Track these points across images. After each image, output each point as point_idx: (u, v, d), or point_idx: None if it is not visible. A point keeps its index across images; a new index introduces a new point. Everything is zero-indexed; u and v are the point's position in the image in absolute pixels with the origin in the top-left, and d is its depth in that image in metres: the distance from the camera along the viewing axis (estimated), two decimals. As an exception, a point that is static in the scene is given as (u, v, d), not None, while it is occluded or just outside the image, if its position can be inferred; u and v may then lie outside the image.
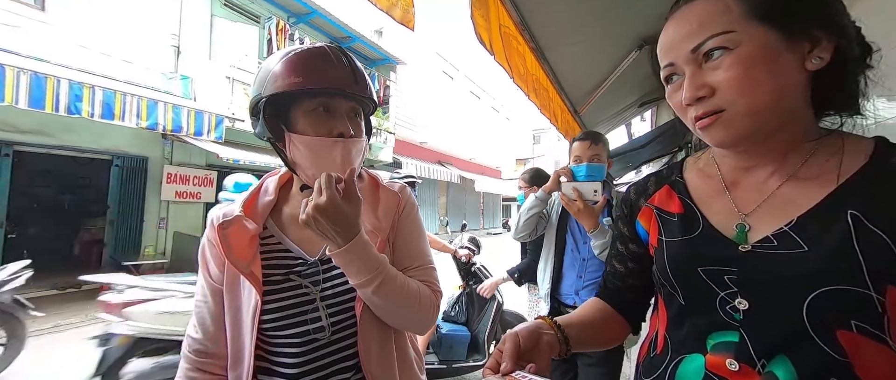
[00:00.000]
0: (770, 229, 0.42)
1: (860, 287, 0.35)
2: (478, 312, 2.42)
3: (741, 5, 0.40)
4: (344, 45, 5.27)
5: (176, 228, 5.82)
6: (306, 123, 0.57)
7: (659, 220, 0.52)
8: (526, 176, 2.09)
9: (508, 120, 17.85)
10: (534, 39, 1.74)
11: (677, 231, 0.49)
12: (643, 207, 0.56)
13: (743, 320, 0.42)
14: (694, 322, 0.46)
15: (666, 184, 0.55)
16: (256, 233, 0.60)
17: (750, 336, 0.41)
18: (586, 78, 2.45)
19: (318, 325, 0.58)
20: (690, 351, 0.46)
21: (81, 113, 3.69)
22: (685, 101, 0.43)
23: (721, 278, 0.43)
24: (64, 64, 4.18)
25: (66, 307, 4.11)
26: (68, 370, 2.64)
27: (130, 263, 4.82)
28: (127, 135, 5.16)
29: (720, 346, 0.43)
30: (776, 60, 0.39)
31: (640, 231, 0.56)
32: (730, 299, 0.42)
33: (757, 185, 0.46)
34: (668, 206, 0.53)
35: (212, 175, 6.23)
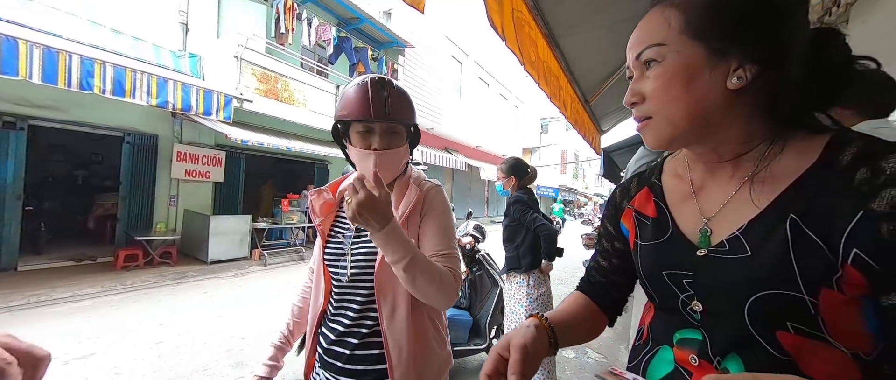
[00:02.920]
0: (725, 234, 0.43)
1: (793, 291, 0.36)
2: (480, 298, 2.48)
3: (679, 21, 0.42)
4: (351, 26, 5.21)
5: (186, 206, 5.94)
6: (355, 139, 0.80)
7: (636, 223, 0.55)
8: (504, 167, 2.00)
9: (517, 108, 17.59)
10: (547, 25, 1.70)
11: (650, 235, 0.52)
12: (625, 208, 0.58)
13: (701, 321, 0.44)
14: (665, 319, 0.50)
15: (646, 186, 0.57)
16: (332, 203, 0.88)
17: (709, 335, 0.44)
18: (599, 66, 2.40)
19: (343, 271, 0.80)
20: (663, 344, 0.49)
21: (93, 89, 3.72)
22: (625, 102, 0.47)
23: (680, 282, 0.46)
24: (76, 39, 4.19)
25: (82, 278, 4.28)
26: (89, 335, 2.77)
27: (143, 239, 4.98)
28: (138, 112, 5.22)
29: (685, 342, 0.46)
30: (695, 76, 0.41)
31: (624, 231, 0.58)
32: (688, 300, 0.45)
33: (720, 188, 0.47)
34: (645, 209, 0.54)
35: (220, 155, 6.30)
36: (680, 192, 0.52)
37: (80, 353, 2.50)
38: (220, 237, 5.43)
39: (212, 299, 3.93)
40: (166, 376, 2.27)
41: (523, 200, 1.83)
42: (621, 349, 2.97)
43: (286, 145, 6.09)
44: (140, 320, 3.21)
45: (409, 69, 9.85)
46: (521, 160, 2.01)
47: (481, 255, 2.50)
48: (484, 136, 13.84)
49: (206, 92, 4.81)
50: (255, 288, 4.43)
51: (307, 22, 6.53)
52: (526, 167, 1.99)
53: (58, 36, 4.04)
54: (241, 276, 5.03)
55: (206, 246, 5.31)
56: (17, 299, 3.46)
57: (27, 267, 4.51)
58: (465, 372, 2.47)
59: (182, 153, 5.78)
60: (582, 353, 2.90)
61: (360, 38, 7.99)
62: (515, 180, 1.93)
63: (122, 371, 2.30)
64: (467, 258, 2.52)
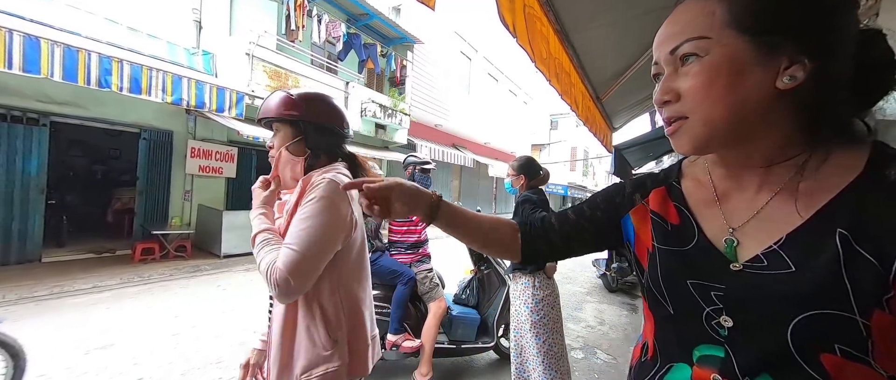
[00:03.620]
0: (759, 247, 0.41)
1: (846, 312, 0.34)
2: (488, 296, 2.47)
3: (724, 12, 0.38)
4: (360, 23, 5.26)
5: (200, 201, 6.08)
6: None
7: (653, 226, 0.51)
8: (515, 164, 1.94)
9: (526, 104, 17.41)
10: (559, 21, 1.67)
11: (673, 241, 0.48)
12: (638, 204, 0.54)
13: (727, 337, 0.41)
14: (681, 332, 0.47)
15: (662, 186, 0.53)
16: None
17: (734, 353, 0.41)
18: (611, 62, 2.35)
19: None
20: (678, 360, 0.46)
21: (111, 87, 3.82)
22: (654, 102, 0.44)
23: (707, 294, 0.43)
24: (94, 37, 4.30)
25: (102, 270, 4.43)
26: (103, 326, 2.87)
27: (159, 233, 5.12)
28: (153, 109, 5.34)
29: (706, 359, 0.43)
30: (742, 74, 0.37)
31: (626, 225, 0.55)
32: (715, 314, 0.42)
33: (746, 197, 0.44)
34: (664, 211, 0.51)
35: (232, 151, 6.41)
36: (702, 197, 0.49)
37: (101, 343, 2.60)
38: (233, 232, 5.55)
39: (225, 292, 4.02)
40: (182, 367, 2.34)
41: (532, 199, 1.78)
42: (631, 351, 2.94)
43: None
44: (157, 311, 3.31)
45: (417, 65, 9.83)
46: (534, 160, 1.96)
47: (486, 255, 2.49)
48: (492, 132, 13.75)
49: (219, 89, 4.89)
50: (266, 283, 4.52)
51: (317, 18, 6.56)
52: (538, 168, 1.93)
53: (77, 34, 4.15)
54: (252, 270, 5.14)
55: (219, 240, 5.43)
56: (42, 290, 3.60)
57: (50, 259, 4.69)
58: (473, 370, 2.48)
59: (196, 149, 5.90)
60: (591, 354, 2.88)
61: (369, 35, 8.00)
62: (525, 179, 1.89)
63: (140, 362, 2.37)
64: (475, 256, 2.52)
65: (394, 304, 2.11)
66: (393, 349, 2.10)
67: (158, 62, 4.65)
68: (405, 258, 2.25)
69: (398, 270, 2.16)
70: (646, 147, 5.86)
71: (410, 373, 2.20)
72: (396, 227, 2.30)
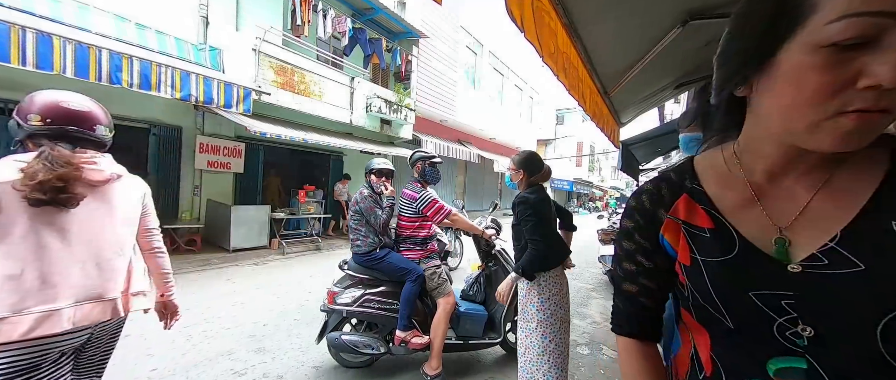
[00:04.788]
0: (814, 245, 0.39)
1: None
2: (495, 293, 2.46)
3: None
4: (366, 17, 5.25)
5: (209, 196, 6.17)
6: None
7: (688, 236, 0.48)
8: (516, 159, 1.88)
9: (532, 99, 17.25)
10: (568, 14, 1.64)
11: (713, 250, 0.45)
12: (665, 219, 0.50)
13: (809, 347, 0.38)
14: (748, 347, 0.43)
15: (684, 193, 0.50)
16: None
17: (820, 363, 0.38)
18: (620, 57, 2.31)
19: None
20: (750, 376, 0.43)
21: (122, 83, 3.88)
22: (890, 81, 0.31)
23: (777, 304, 0.40)
24: (104, 34, 4.35)
25: (115, 263, 4.54)
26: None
27: (169, 227, 5.21)
28: (162, 105, 5.41)
29: (786, 372, 0.40)
30: None
31: (667, 246, 0.51)
32: (790, 325, 0.39)
33: (786, 195, 0.42)
34: (695, 219, 0.48)
35: (240, 146, 6.48)
36: (734, 199, 0.46)
37: (115, 334, 2.67)
38: (241, 227, 5.63)
39: (234, 285, 4.10)
40: (194, 359, 2.40)
41: (528, 200, 1.71)
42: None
43: (303, 137, 6.20)
44: (168, 304, 3.38)
45: (423, 60, 9.78)
46: (536, 155, 1.91)
47: (497, 250, 2.49)
48: (498, 128, 13.67)
49: (227, 85, 4.93)
50: (275, 276, 4.59)
51: (323, 13, 6.55)
52: (540, 163, 1.88)
53: (87, 31, 4.21)
54: (260, 264, 5.22)
55: (228, 235, 5.52)
56: (58, 282, 3.71)
57: (66, 252, 4.82)
58: (480, 365, 2.50)
59: (204, 145, 5.97)
60: (596, 349, 2.88)
61: (374, 29, 7.97)
62: (524, 175, 1.84)
63: (154, 353, 2.44)
64: (484, 253, 2.51)
65: (403, 300, 2.12)
66: (401, 345, 2.12)
67: (167, 58, 4.70)
68: (414, 254, 2.25)
69: (407, 267, 2.16)
70: (654, 142, 5.78)
71: (419, 367, 2.23)
72: (407, 222, 2.28)
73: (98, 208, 1.09)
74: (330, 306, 2.13)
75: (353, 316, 2.17)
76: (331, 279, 2.43)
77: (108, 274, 1.09)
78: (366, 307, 2.12)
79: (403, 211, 2.28)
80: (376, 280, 2.20)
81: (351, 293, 2.14)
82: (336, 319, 2.18)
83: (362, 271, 2.22)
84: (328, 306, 2.15)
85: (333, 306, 2.12)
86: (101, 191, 1.11)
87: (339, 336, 2.10)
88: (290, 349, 2.57)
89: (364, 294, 2.13)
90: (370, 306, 2.13)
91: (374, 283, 2.20)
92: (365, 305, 2.12)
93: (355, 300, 2.11)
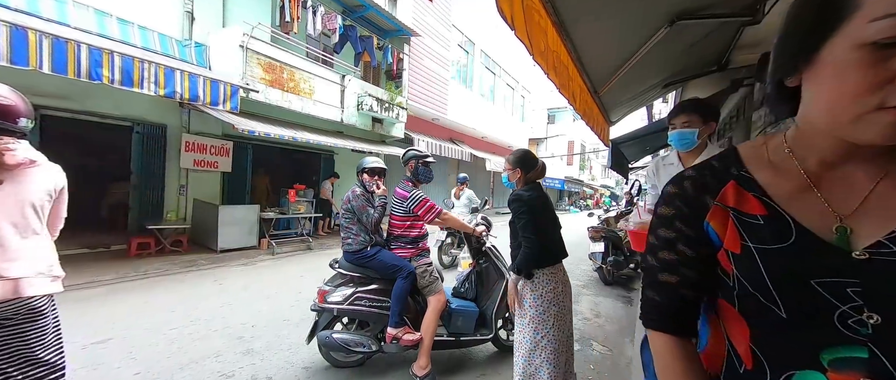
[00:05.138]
0: (880, 233, 0.39)
1: None
2: (487, 289, 2.49)
3: None
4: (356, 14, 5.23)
5: (195, 195, 6.03)
6: None
7: (739, 223, 0.46)
8: (511, 158, 1.90)
9: (524, 98, 17.35)
10: (557, 13, 1.65)
11: (768, 238, 0.44)
12: (713, 206, 0.49)
13: (872, 335, 0.38)
14: (801, 337, 0.42)
15: (731, 180, 0.48)
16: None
17: (884, 352, 0.37)
18: (610, 56, 2.33)
19: None
20: (799, 367, 0.42)
21: (102, 79, 3.75)
22: None
23: (842, 291, 0.39)
24: (83, 28, 4.21)
25: (97, 265, 4.40)
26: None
27: (154, 227, 5.09)
28: (145, 102, 5.26)
29: (843, 362, 0.39)
30: None
31: (712, 234, 0.49)
32: (854, 312, 0.39)
33: (846, 183, 0.42)
34: (745, 206, 0.46)
35: (228, 145, 6.35)
36: (788, 186, 0.45)
37: (97, 338, 2.59)
38: (229, 227, 5.52)
39: (221, 286, 4.02)
40: (179, 361, 2.34)
41: (522, 198, 1.73)
42: (626, 342, 2.98)
43: (292, 136, 6.11)
44: (154, 306, 3.30)
45: (414, 58, 9.74)
46: (530, 153, 1.93)
47: (488, 247, 2.50)
48: (490, 126, 13.71)
49: (213, 82, 4.82)
50: (264, 277, 4.52)
51: (312, 10, 6.46)
52: (534, 161, 1.90)
53: (65, 25, 4.06)
54: (249, 265, 5.13)
55: (215, 235, 5.40)
56: (36, 285, 3.58)
57: (44, 254, 4.65)
58: (472, 362, 2.51)
59: (190, 143, 5.84)
60: (587, 345, 2.92)
61: (365, 27, 7.89)
62: (521, 173, 1.86)
63: (137, 356, 2.37)
64: (473, 250, 2.52)
65: (393, 298, 2.11)
66: (393, 342, 2.10)
67: (150, 55, 4.57)
68: (406, 252, 2.25)
69: (398, 265, 2.16)
70: (642, 141, 5.89)
71: (408, 366, 2.22)
72: (398, 222, 2.27)
73: (5, 190, 1.17)
74: (321, 305, 2.12)
75: (345, 314, 2.15)
76: (322, 279, 2.40)
77: (10, 254, 1.15)
78: (357, 305, 2.11)
79: (395, 210, 2.28)
80: (368, 278, 2.19)
81: (342, 292, 2.12)
82: (327, 318, 2.16)
83: (353, 270, 2.21)
84: (319, 306, 2.13)
85: (324, 304, 2.10)
86: (14, 174, 1.20)
87: (330, 335, 2.08)
88: (280, 350, 2.54)
89: (355, 292, 2.12)
90: (361, 303, 2.12)
91: (366, 281, 2.18)
92: (356, 302, 2.11)
93: (346, 299, 2.10)
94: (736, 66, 3.48)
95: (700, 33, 2.31)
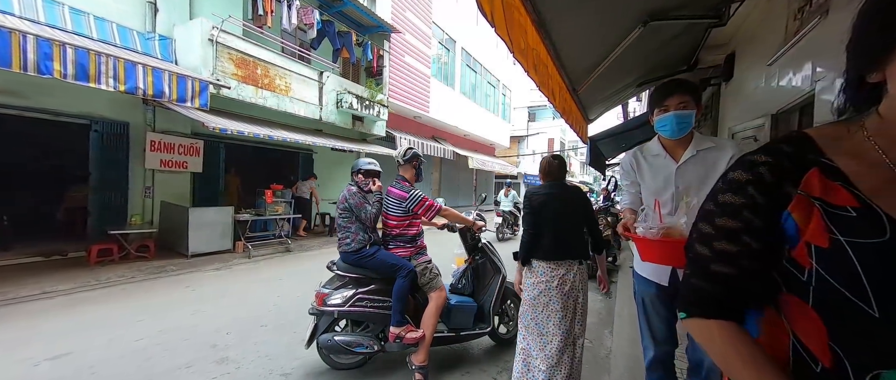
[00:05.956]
0: None
1: None
2: (483, 284, 2.54)
3: None
4: (334, 10, 5.20)
5: (163, 197, 5.70)
6: None
7: (827, 216, 0.43)
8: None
9: (505, 96, 17.53)
10: (536, 11, 1.66)
11: (862, 232, 0.41)
12: (796, 195, 0.45)
13: None
14: (891, 335, 0.40)
15: (814, 167, 0.45)
16: None
17: None
18: (587, 55, 2.38)
19: None
20: (889, 366, 0.40)
21: (53, 73, 3.46)
22: None
23: None
24: (29, 18, 3.87)
25: (52, 274, 4.08)
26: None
27: (117, 232, 4.76)
28: (105, 99, 4.91)
29: None
30: None
31: (788, 225, 0.45)
32: None
33: None
34: (834, 197, 0.43)
35: (198, 144, 6.04)
36: (874, 177, 0.43)
37: (52, 353, 2.40)
38: (201, 230, 5.26)
39: (193, 292, 3.82)
40: (147, 374, 2.20)
41: (527, 195, 1.93)
42: (606, 334, 3.06)
43: (268, 134, 5.88)
44: (117, 316, 3.09)
45: (395, 55, 9.60)
46: (545, 160, 2.03)
47: (483, 244, 2.55)
48: (472, 124, 13.76)
49: (180, 77, 4.56)
50: (240, 281, 4.33)
51: (287, 4, 6.22)
52: (544, 164, 2.01)
53: (8, 13, 3.72)
54: (224, 269, 4.91)
55: (185, 239, 5.13)
56: (-19, 298, 3.28)
57: (-10, 264, 4.27)
58: (470, 357, 2.52)
59: (156, 142, 5.50)
60: (567, 338, 2.98)
61: (343, 22, 7.69)
62: (541, 175, 2.03)
63: (98, 371, 2.21)
64: (469, 246, 2.55)
65: (395, 297, 2.10)
66: (396, 341, 2.10)
67: (109, 47, 4.26)
68: (404, 252, 2.24)
69: (398, 264, 2.15)
70: (618, 138, 6.08)
71: (403, 367, 2.21)
72: (396, 221, 2.25)
73: None
74: (320, 308, 2.10)
75: (345, 316, 2.14)
76: (302, 282, 2.33)
77: None
78: (358, 307, 2.11)
79: (392, 210, 2.26)
80: (366, 278, 2.18)
81: (342, 293, 2.11)
82: (327, 321, 2.14)
83: (352, 270, 2.19)
84: (318, 309, 2.11)
85: (324, 307, 2.08)
86: None
87: (332, 338, 2.08)
88: (257, 357, 2.44)
89: (356, 293, 2.11)
90: (363, 304, 2.12)
91: (365, 281, 2.17)
92: (357, 304, 2.11)
93: (347, 300, 2.09)
94: (704, 65, 3.64)
95: (671, 34, 2.39)
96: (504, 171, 17.41)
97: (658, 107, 1.36)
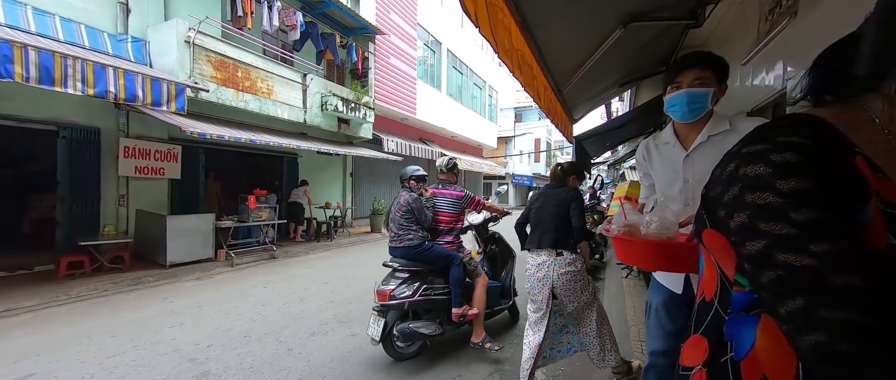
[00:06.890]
0: None
1: None
2: (501, 266, 3.00)
3: None
4: (317, 11, 5.18)
5: (139, 205, 5.46)
6: None
7: (887, 217, 0.36)
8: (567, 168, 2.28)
9: (491, 98, 17.65)
10: (520, 12, 1.66)
11: None
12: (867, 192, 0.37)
13: None
14: None
15: (858, 156, 0.38)
16: None
17: None
18: (571, 56, 2.40)
19: None
20: None
21: (14, 77, 3.26)
22: None
23: None
24: (-13, 18, 3.64)
25: (17, 290, 3.83)
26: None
27: (88, 244, 4.52)
28: (73, 103, 4.67)
29: None
30: None
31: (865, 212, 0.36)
32: None
33: None
34: (886, 193, 0.37)
35: (176, 149, 5.82)
36: None
37: (16, 374, 2.24)
38: (180, 238, 5.06)
39: (172, 304, 3.66)
40: (121, 393, 2.08)
41: (533, 191, 2.25)
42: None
43: (250, 138, 5.71)
44: (89, 332, 2.92)
45: (380, 57, 9.53)
46: (557, 165, 2.28)
47: (493, 233, 3.04)
48: (459, 126, 13.78)
49: (155, 80, 4.38)
50: (222, 291, 4.18)
51: (267, 4, 6.09)
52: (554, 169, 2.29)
53: (-35, 14, 3.49)
54: (205, 278, 4.73)
55: (163, 248, 4.92)
56: (-65, 319, 3.04)
57: (-53, 281, 3.98)
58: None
59: (130, 148, 5.27)
60: (558, 337, 3.00)
61: (327, 24, 7.58)
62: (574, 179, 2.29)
63: (67, 392, 2.08)
64: (482, 239, 2.99)
65: (453, 283, 2.44)
66: (461, 319, 2.42)
67: (76, 50, 4.06)
68: (451, 245, 2.60)
69: (451, 255, 2.52)
70: (602, 137, 6.19)
71: (409, 365, 2.43)
72: (449, 218, 2.63)
73: None
74: (386, 303, 2.31)
75: (416, 307, 2.41)
76: (286, 289, 2.26)
77: None
78: (427, 296, 2.41)
79: (445, 208, 2.65)
80: (424, 271, 2.47)
81: (408, 287, 2.39)
82: (396, 314, 2.36)
83: (411, 264, 2.48)
84: (384, 304, 2.32)
85: (391, 302, 2.31)
86: None
87: (408, 326, 2.32)
88: (240, 370, 2.35)
89: (422, 284, 2.42)
90: (428, 293, 2.43)
91: (423, 274, 2.46)
92: (425, 293, 2.41)
93: (416, 291, 2.38)
94: (683, 66, 3.75)
95: (650, 35, 2.45)
96: (492, 171, 17.51)
97: (670, 84, 1.13)
